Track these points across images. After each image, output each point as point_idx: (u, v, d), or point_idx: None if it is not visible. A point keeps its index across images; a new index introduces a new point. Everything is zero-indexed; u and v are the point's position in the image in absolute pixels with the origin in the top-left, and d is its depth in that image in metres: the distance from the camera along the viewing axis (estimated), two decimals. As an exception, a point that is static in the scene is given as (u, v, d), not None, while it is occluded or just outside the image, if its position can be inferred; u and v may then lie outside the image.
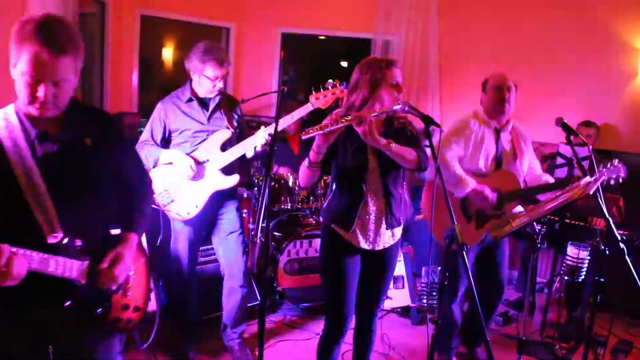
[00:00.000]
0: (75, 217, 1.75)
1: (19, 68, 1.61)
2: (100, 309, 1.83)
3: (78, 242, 1.74)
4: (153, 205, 2.79)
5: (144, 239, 3.12)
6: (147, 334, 2.15)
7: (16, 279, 1.55)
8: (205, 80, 3.08)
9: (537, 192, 3.15)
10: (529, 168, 3.26)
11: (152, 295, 2.16)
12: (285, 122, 3.15)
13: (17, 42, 1.59)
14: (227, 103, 3.30)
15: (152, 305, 2.21)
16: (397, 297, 4.12)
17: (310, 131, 2.22)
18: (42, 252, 1.64)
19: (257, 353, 3.42)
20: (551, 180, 3.22)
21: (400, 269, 4.15)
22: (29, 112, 1.71)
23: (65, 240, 1.71)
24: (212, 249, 3.60)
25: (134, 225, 1.95)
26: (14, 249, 1.55)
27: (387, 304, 4.13)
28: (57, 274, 1.67)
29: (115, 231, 1.90)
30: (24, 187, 1.67)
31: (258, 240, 1.78)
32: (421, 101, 5.75)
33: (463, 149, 3.11)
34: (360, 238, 2.55)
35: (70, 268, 1.71)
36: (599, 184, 2.37)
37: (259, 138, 3.12)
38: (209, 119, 3.18)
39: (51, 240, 1.69)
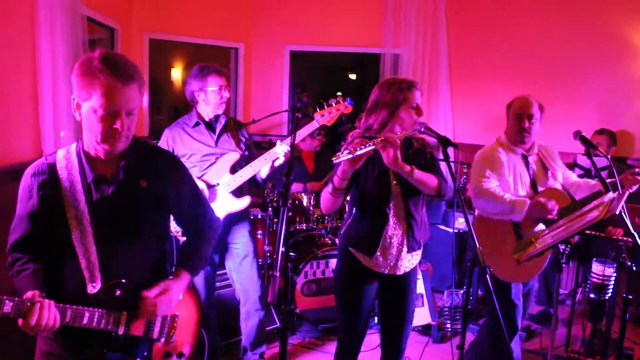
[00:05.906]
0: (117, 265, 1.72)
1: (90, 104, 1.59)
2: (138, 359, 1.78)
3: (117, 292, 1.70)
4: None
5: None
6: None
7: (47, 331, 1.56)
8: (211, 93, 3.10)
9: (592, 200, 2.89)
10: (564, 179, 3.12)
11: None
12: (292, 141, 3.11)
13: (86, 79, 1.57)
14: (234, 126, 3.30)
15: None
16: (417, 315, 4.04)
17: (340, 156, 2.14)
18: (78, 303, 1.62)
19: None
20: (590, 181, 3.06)
21: (419, 286, 4.09)
22: (96, 152, 1.70)
23: (104, 291, 1.68)
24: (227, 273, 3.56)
25: (188, 264, 1.91)
26: (46, 304, 1.53)
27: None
28: (91, 326, 1.64)
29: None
30: (73, 229, 1.66)
31: (277, 274, 1.73)
32: (432, 116, 5.71)
33: (498, 180, 2.94)
34: (382, 263, 2.50)
35: (106, 319, 1.68)
36: (623, 200, 2.30)
37: (279, 150, 3.08)
38: (216, 141, 3.18)
39: (90, 289, 1.67)
